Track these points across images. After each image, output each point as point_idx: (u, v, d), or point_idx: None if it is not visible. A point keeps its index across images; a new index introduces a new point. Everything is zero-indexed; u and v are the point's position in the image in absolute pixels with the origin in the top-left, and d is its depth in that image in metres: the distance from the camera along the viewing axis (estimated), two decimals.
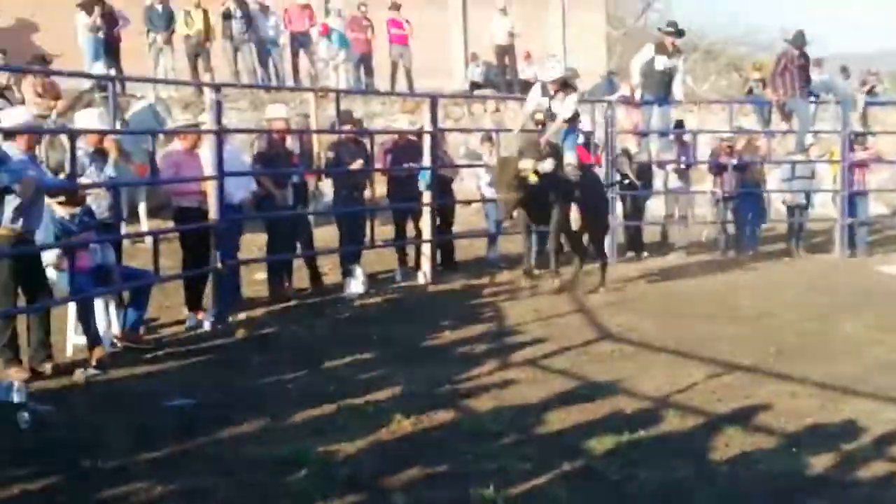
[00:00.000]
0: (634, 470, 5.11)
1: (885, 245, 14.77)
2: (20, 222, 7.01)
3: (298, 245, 10.95)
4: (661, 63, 13.96)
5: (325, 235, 11.95)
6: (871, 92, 20.18)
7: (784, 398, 6.47)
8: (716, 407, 6.28)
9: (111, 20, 17.80)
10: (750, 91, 18.74)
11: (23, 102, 11.97)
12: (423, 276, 11.41)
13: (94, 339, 7.49)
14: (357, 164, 10.94)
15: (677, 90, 14.25)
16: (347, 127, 11.72)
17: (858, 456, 5.40)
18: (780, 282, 11.39)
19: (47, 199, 7.66)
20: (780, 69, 13.75)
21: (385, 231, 12.31)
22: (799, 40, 13.77)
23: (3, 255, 6.95)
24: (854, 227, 13.92)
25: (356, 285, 10.58)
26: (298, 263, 11.06)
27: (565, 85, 10.25)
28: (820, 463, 5.29)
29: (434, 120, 11.84)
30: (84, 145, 8.23)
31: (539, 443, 5.58)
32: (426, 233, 11.55)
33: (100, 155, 8.31)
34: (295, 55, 19.19)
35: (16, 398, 6.28)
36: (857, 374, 7.07)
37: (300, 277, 11.02)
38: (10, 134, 7.27)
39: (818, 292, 10.56)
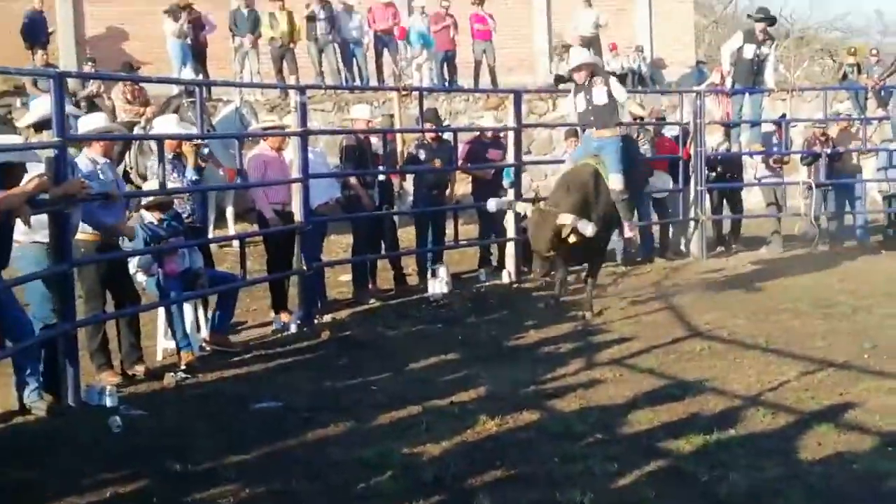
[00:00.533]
0: (724, 471, 5.06)
1: None
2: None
3: (383, 246, 11.04)
4: (751, 51, 13.77)
5: (410, 235, 11.98)
6: None
7: (880, 395, 6.35)
8: (808, 405, 6.19)
9: (198, 25, 18.13)
10: (844, 76, 18.45)
11: (113, 109, 12.24)
12: (508, 274, 11.41)
13: (183, 342, 7.66)
14: (437, 163, 11.01)
15: (769, 78, 14.06)
16: (429, 125, 11.74)
17: None
18: (875, 275, 11.12)
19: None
20: None
21: (469, 230, 12.36)
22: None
23: (91, 260, 7.13)
24: None
25: (440, 286, 10.63)
26: (383, 264, 11.14)
27: (593, 73, 9.45)
28: None
29: (518, 116, 11.85)
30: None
31: (626, 443, 5.56)
32: (510, 231, 11.53)
33: (179, 160, 8.50)
34: (379, 55, 19.28)
35: (108, 402, 6.46)
36: None
37: (385, 279, 11.10)
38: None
39: None
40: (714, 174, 13.21)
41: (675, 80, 20.12)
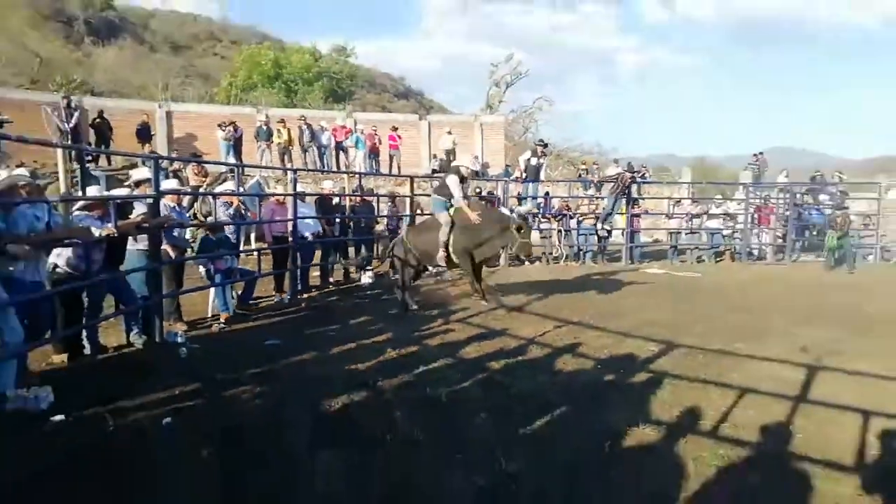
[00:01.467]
0: (516, 378, 5.16)
1: (649, 258, 14.94)
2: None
3: (339, 256, 10.83)
4: (535, 161, 14.12)
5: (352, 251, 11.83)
6: (643, 176, 20.47)
7: (598, 340, 6.51)
8: (559, 344, 6.30)
9: (237, 132, 17.78)
10: (580, 175, 18.98)
11: (187, 179, 11.77)
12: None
13: (223, 307, 7.41)
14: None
15: (542, 175, 14.45)
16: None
17: (632, 370, 5.45)
18: (597, 275, 11.45)
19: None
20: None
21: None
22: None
23: (169, 262, 6.82)
24: (633, 248, 14.02)
25: (367, 279, 10.51)
26: (338, 266, 10.92)
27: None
28: (613, 373, 5.35)
29: (412, 190, 11.84)
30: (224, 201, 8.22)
31: (465, 364, 5.59)
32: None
33: (230, 206, 8.30)
34: (337, 154, 19.15)
35: (179, 340, 6.21)
36: (634, 326, 7.10)
37: (339, 274, 10.90)
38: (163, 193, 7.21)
39: (615, 282, 10.65)
40: None
41: (494, 175, 20.50)
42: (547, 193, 15.02)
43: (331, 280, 10.44)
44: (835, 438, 4.04)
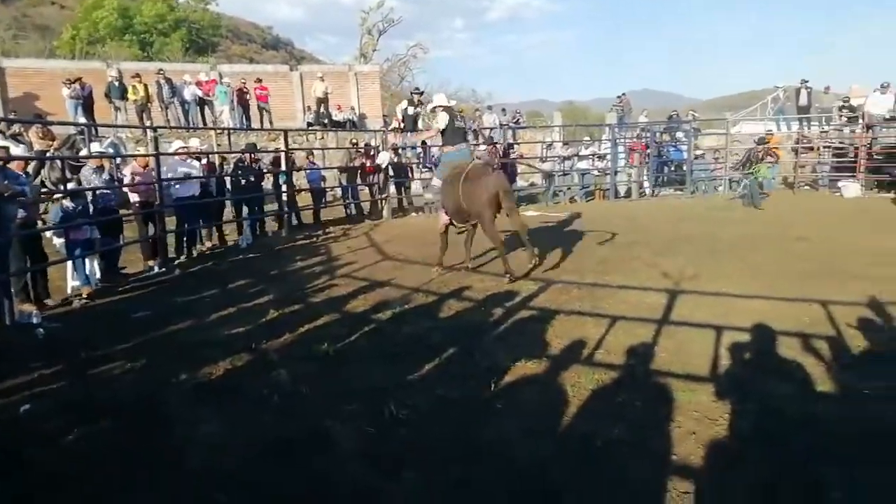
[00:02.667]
0: (402, 326, 5.19)
1: (525, 202, 15.44)
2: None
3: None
4: (412, 110, 13.96)
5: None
6: (517, 122, 20.96)
7: (477, 282, 6.67)
8: (443, 290, 6.42)
9: (84, 89, 16.12)
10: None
11: (30, 143, 10.56)
12: (284, 232, 10.94)
13: (83, 281, 6.82)
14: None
15: (419, 124, 14.36)
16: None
17: (514, 308, 5.64)
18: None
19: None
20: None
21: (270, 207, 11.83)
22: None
23: (16, 235, 6.16)
24: None
25: (246, 240, 10.05)
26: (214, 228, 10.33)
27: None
28: (496, 314, 5.51)
29: (286, 145, 11.34)
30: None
31: (352, 317, 5.56)
32: (285, 207, 11.10)
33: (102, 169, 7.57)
34: (202, 110, 17.92)
35: (34, 321, 5.65)
36: (514, 268, 7.32)
37: (216, 238, 10.34)
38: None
39: None
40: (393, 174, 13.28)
41: (373, 126, 20.09)
42: (423, 143, 14.97)
43: (207, 244, 9.89)
44: (693, 354, 4.43)
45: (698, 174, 16.05)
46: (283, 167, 11.23)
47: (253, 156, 11.22)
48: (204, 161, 10.35)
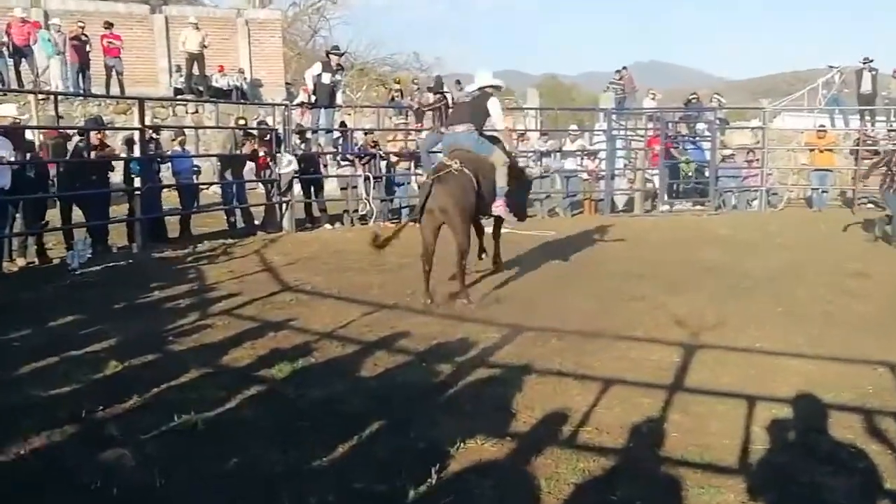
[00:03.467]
0: (306, 389, 5.13)
1: None
2: None
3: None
4: (328, 78, 13.99)
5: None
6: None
7: (418, 327, 6.71)
8: (368, 337, 6.41)
9: None
10: (392, 99, 19.17)
11: None
12: (137, 247, 10.71)
13: None
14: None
15: (339, 98, 14.40)
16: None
17: (467, 365, 5.71)
18: (413, 240, 11.64)
19: None
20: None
21: (120, 210, 11.54)
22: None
23: None
24: None
25: (79, 257, 9.76)
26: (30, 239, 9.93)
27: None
28: (443, 371, 5.56)
29: (142, 119, 11.14)
30: None
31: (233, 374, 5.47)
32: (138, 212, 10.89)
33: None
34: (18, 64, 17.48)
35: None
36: (469, 306, 7.44)
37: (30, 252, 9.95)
38: None
39: (440, 247, 10.91)
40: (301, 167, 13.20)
41: (271, 97, 20.02)
42: (343, 124, 15.00)
43: (19, 262, 9.55)
44: (715, 434, 4.52)
45: (725, 182, 16.59)
46: (138, 153, 11.02)
47: (97, 135, 10.98)
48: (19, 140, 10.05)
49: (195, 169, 12.96)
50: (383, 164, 14.06)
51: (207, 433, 4.45)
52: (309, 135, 14.08)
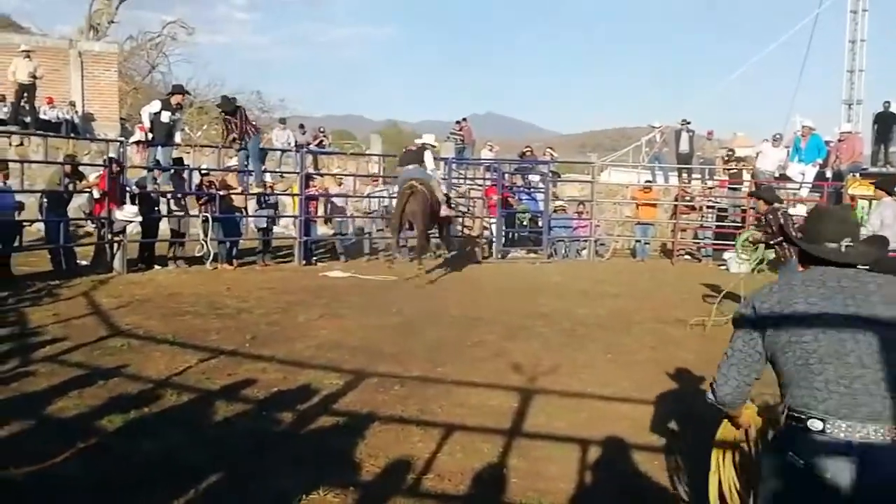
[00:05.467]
0: (139, 441, 4.91)
1: (329, 256, 15.54)
2: None
3: None
4: (167, 116, 13.56)
5: None
6: (320, 144, 21.26)
7: (258, 373, 6.57)
8: (206, 385, 6.21)
9: None
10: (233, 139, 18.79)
11: None
12: None
13: None
14: None
15: (177, 136, 13.98)
16: None
17: (310, 413, 5.64)
18: (253, 283, 11.47)
19: None
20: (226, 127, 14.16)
21: None
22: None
23: None
24: (308, 243, 14.42)
25: None
26: None
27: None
28: (284, 420, 5.47)
29: None
30: None
31: (57, 426, 5.14)
32: None
33: None
34: None
35: None
36: (311, 352, 7.37)
37: None
38: None
39: (281, 291, 10.80)
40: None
41: (104, 133, 19.15)
42: (181, 162, 14.52)
43: None
44: (553, 479, 4.66)
45: (557, 231, 17.31)
46: None
47: None
48: None
49: (18, 205, 12.15)
50: (222, 203, 13.70)
51: (30, 491, 4.17)
52: (144, 173, 13.54)
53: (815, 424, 2.53)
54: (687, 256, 17.87)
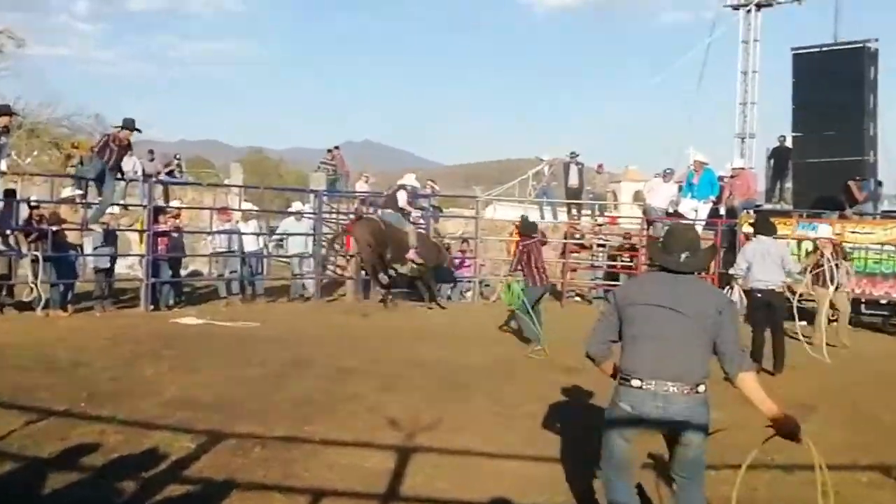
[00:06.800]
0: None
1: (188, 301, 15.15)
2: None
3: None
4: None
5: None
6: (170, 173, 20.83)
7: (94, 436, 6.30)
8: (33, 451, 5.88)
9: None
10: (73, 166, 18.14)
11: None
12: None
13: None
14: None
15: (2, 162, 13.40)
16: None
17: (158, 480, 5.45)
18: (91, 331, 11.04)
19: None
20: (101, 146, 13.21)
21: None
22: (129, 125, 13.24)
23: None
24: (157, 285, 13.96)
25: None
26: None
27: None
28: (127, 490, 5.27)
29: None
30: None
31: None
32: None
33: None
34: None
35: None
36: (158, 410, 7.14)
37: None
38: None
39: (125, 341, 10.43)
40: None
41: None
42: (13, 192, 13.90)
43: None
44: None
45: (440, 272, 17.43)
46: None
47: None
48: None
49: None
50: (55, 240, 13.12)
51: None
52: None
53: (636, 382, 4.08)
54: (577, 298, 18.30)
